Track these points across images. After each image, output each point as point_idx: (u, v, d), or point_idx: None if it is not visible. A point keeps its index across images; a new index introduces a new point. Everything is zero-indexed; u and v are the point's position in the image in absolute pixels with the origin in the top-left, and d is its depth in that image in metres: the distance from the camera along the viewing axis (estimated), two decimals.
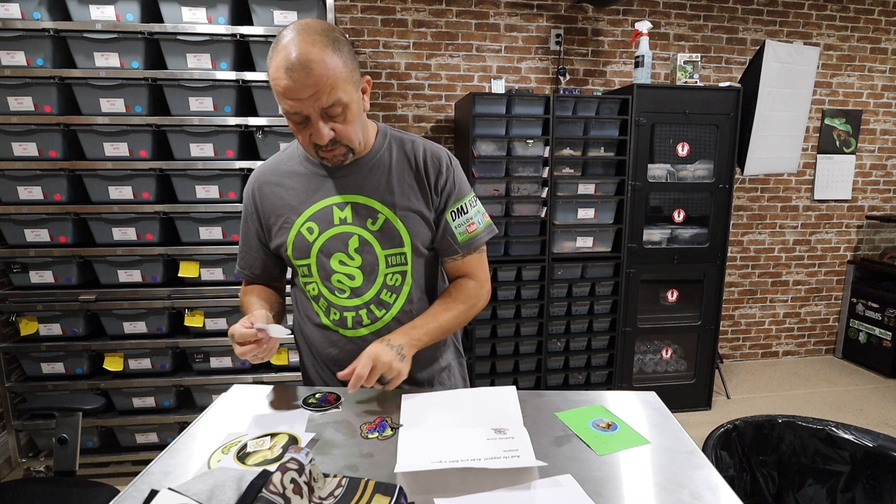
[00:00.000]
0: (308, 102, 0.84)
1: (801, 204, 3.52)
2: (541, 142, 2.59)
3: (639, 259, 2.74)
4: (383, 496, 0.67)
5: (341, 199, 1.00)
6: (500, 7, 2.99)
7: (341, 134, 0.90)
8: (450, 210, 1.04)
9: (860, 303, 3.53)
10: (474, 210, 1.07)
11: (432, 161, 1.03)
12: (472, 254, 1.07)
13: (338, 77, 0.84)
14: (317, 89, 0.83)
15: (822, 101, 3.40)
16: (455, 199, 1.04)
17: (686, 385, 2.91)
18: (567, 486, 0.72)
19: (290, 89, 0.83)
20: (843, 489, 1.08)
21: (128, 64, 1.96)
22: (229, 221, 2.09)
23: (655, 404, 0.99)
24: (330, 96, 0.84)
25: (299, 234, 1.01)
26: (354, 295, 1.02)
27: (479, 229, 1.07)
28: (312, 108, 0.85)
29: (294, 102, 0.84)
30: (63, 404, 1.38)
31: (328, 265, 1.01)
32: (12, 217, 2.00)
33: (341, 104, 0.87)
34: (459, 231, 1.05)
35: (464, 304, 1.06)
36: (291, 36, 0.83)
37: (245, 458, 0.77)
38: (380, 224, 1.00)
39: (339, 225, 1.00)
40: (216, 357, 2.16)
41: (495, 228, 1.11)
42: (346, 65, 0.86)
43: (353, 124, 0.92)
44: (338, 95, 0.85)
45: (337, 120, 0.89)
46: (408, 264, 1.03)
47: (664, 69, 3.17)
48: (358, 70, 0.90)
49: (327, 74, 0.83)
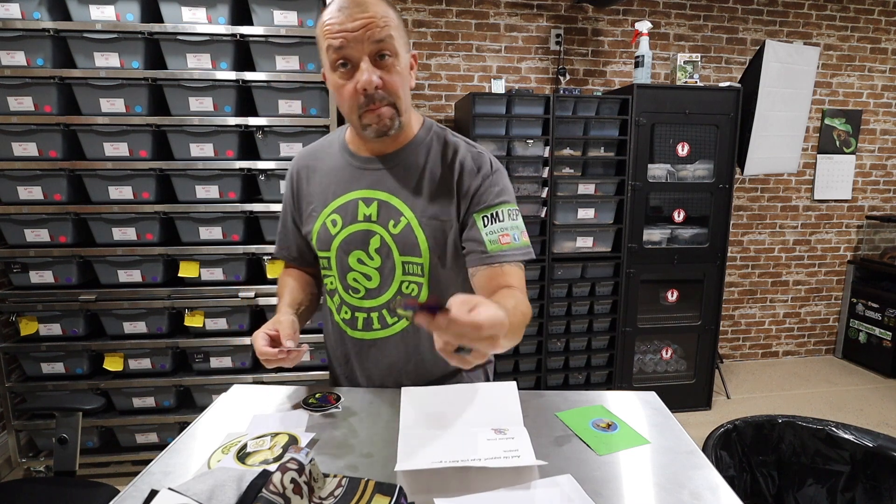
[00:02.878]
0: (358, 37, 0.80)
1: (801, 204, 3.52)
2: (541, 142, 2.59)
3: (639, 259, 2.74)
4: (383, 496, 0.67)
5: (368, 195, 0.95)
6: (500, 7, 2.99)
7: (389, 85, 0.84)
8: (481, 214, 0.92)
9: (860, 303, 3.53)
10: (511, 223, 0.93)
11: (471, 167, 0.94)
12: (507, 265, 0.91)
13: (391, 22, 0.82)
14: (369, 22, 0.79)
15: (822, 101, 3.40)
16: (488, 204, 0.92)
17: (686, 385, 2.91)
18: (567, 486, 0.72)
19: (341, 24, 0.79)
20: (843, 489, 1.08)
21: (128, 64, 1.96)
22: (229, 221, 2.09)
23: (655, 404, 0.99)
24: (382, 31, 0.80)
25: (324, 226, 0.98)
26: (369, 297, 0.98)
27: (513, 244, 0.92)
28: (361, 46, 0.80)
29: (343, 39, 0.80)
30: (63, 404, 1.38)
31: (346, 262, 0.97)
32: (12, 217, 2.00)
33: (392, 49, 0.83)
34: (491, 239, 0.91)
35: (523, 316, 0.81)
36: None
37: (245, 458, 0.77)
38: (400, 228, 0.93)
39: (362, 221, 0.95)
40: (216, 357, 2.16)
41: (532, 253, 0.95)
42: (398, 20, 0.85)
43: (402, 78, 0.86)
44: (389, 32, 0.81)
45: (385, 67, 0.83)
46: (424, 276, 0.95)
47: (664, 69, 3.17)
48: (407, 36, 0.89)
49: (381, 13, 0.81)
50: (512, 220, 0.93)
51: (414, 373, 1.02)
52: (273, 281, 2.14)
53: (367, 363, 1.03)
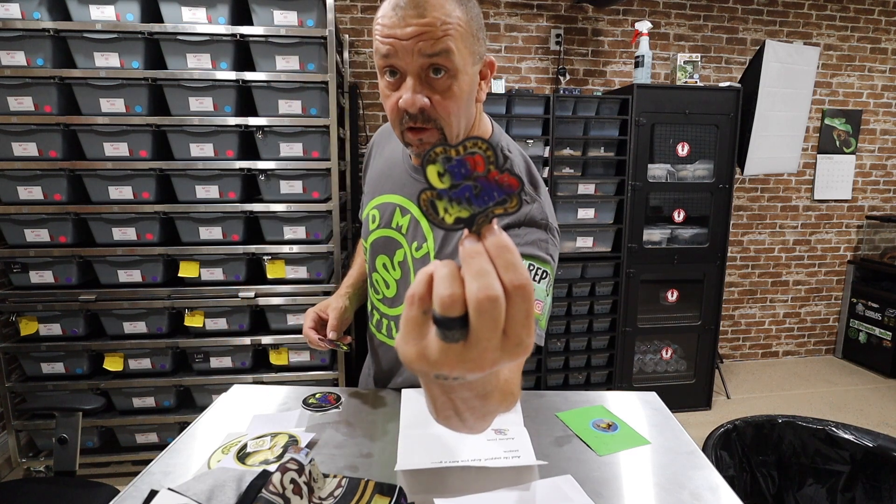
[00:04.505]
0: (408, 47, 0.66)
1: (801, 204, 3.52)
2: (541, 142, 2.59)
3: (639, 259, 2.74)
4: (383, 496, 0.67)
5: (405, 204, 0.88)
6: (500, 7, 2.99)
7: (439, 107, 0.70)
8: None
9: (860, 303, 3.53)
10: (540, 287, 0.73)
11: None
12: None
13: (453, 28, 0.66)
14: (423, 30, 0.65)
15: (822, 101, 3.40)
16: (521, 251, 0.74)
17: (686, 385, 2.91)
18: (567, 486, 0.72)
19: (392, 25, 0.66)
20: (843, 489, 1.08)
21: (128, 64, 1.96)
22: (229, 221, 2.09)
23: (655, 404, 0.99)
24: (438, 43, 0.66)
25: (368, 217, 0.96)
26: (385, 302, 0.97)
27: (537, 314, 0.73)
28: (410, 57, 0.67)
29: (391, 44, 0.66)
30: (63, 404, 1.38)
31: (374, 261, 0.96)
32: (12, 217, 2.00)
33: (449, 64, 0.67)
34: None
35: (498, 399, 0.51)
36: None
37: (245, 458, 0.77)
38: (421, 254, 0.86)
39: (394, 230, 0.90)
40: (216, 357, 2.16)
41: (542, 337, 0.75)
42: (469, 24, 0.68)
43: (457, 102, 0.71)
44: (447, 45, 0.66)
45: (438, 86, 0.69)
46: None
47: (664, 69, 3.17)
48: (482, 43, 0.72)
49: (440, 17, 0.65)
50: (536, 282, 0.73)
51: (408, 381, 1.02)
52: (273, 281, 2.14)
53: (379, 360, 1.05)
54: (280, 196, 2.10)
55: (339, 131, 2.42)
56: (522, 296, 0.32)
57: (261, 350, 2.21)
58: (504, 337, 0.33)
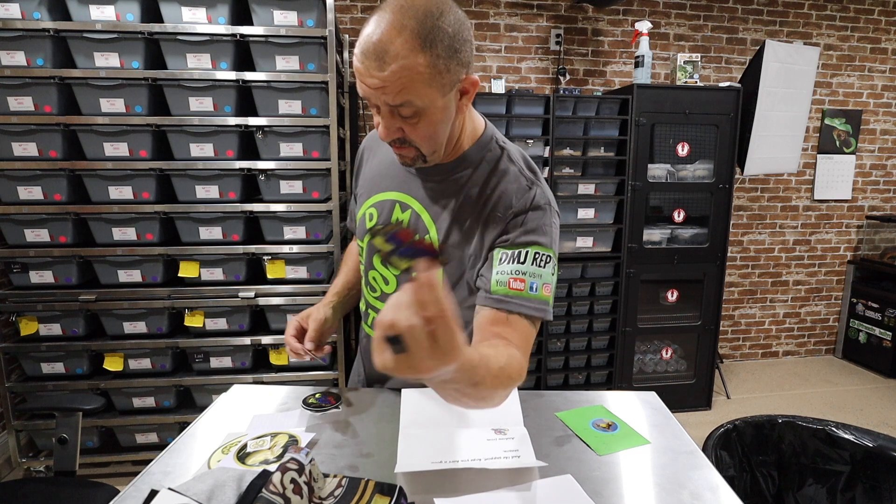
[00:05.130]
0: (376, 94, 0.72)
1: (801, 204, 3.52)
2: (541, 142, 2.59)
3: (639, 259, 2.74)
4: (383, 496, 0.67)
5: (405, 200, 0.91)
6: (500, 7, 2.99)
7: (410, 135, 0.78)
8: (502, 250, 0.82)
9: (860, 303, 3.53)
10: (534, 269, 0.80)
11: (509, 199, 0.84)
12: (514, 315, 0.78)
13: (414, 79, 0.70)
14: (385, 85, 0.70)
15: (822, 101, 3.40)
16: (512, 242, 0.81)
17: (686, 385, 2.91)
18: (567, 486, 0.72)
19: (361, 73, 0.72)
20: (843, 489, 1.08)
21: (128, 64, 1.96)
22: (229, 221, 2.09)
23: (655, 404, 0.99)
24: (399, 96, 0.71)
25: (364, 216, 0.98)
26: (383, 299, 0.97)
27: (524, 293, 0.78)
28: (380, 101, 0.74)
29: (363, 88, 0.73)
30: (63, 404, 1.38)
31: (371, 259, 0.97)
32: (12, 217, 2.00)
33: (413, 107, 0.73)
34: (499, 280, 0.80)
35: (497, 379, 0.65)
36: (386, 12, 0.70)
37: (245, 458, 0.77)
38: None
39: None
40: (216, 357, 2.16)
41: (548, 313, 0.81)
42: (434, 66, 0.71)
43: (427, 130, 0.78)
44: (408, 98, 0.72)
45: (408, 121, 0.76)
46: None
47: (664, 69, 3.17)
48: (456, 70, 0.74)
49: (401, 72, 0.69)
50: (536, 267, 0.80)
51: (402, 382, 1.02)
52: (273, 281, 2.14)
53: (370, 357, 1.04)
54: (280, 196, 2.10)
55: (339, 131, 2.41)
56: (442, 321, 0.46)
57: (261, 350, 2.21)
58: (435, 347, 0.46)
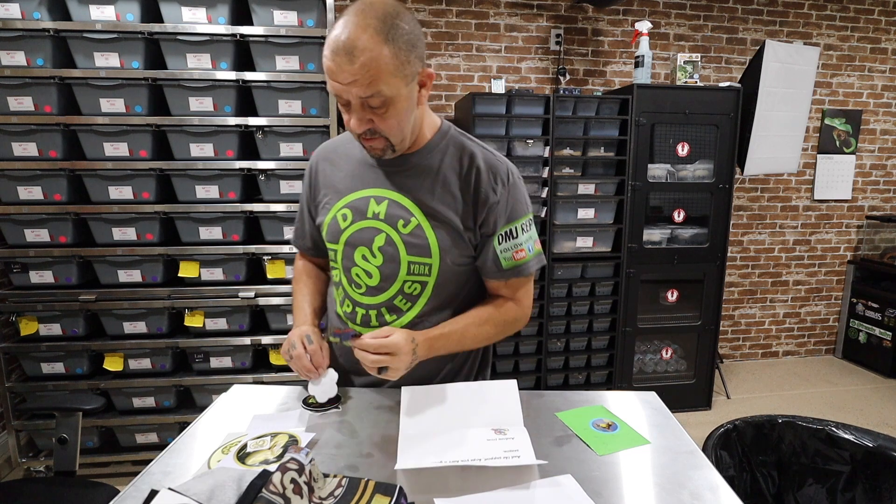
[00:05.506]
0: (348, 88, 0.81)
1: (801, 204, 3.52)
2: (541, 142, 2.59)
3: (639, 259, 2.74)
4: (383, 496, 0.67)
5: (380, 193, 0.98)
6: (500, 7, 2.99)
7: (380, 125, 0.86)
8: (497, 233, 0.97)
9: (860, 303, 3.53)
10: (525, 236, 0.99)
11: (487, 174, 0.96)
12: (516, 278, 1.00)
13: (382, 70, 0.80)
14: (356, 78, 0.79)
15: (822, 101, 3.40)
16: (506, 222, 0.97)
17: (686, 385, 2.91)
18: (567, 486, 0.72)
19: (332, 71, 0.81)
20: (843, 489, 1.08)
21: (128, 64, 1.96)
22: (229, 221, 2.09)
23: (655, 404, 0.99)
24: (369, 88, 0.80)
25: (335, 219, 1.01)
26: (369, 294, 1.00)
27: (527, 257, 0.99)
28: (352, 95, 0.82)
29: (336, 84, 0.82)
30: (63, 404, 1.38)
31: (352, 256, 1.00)
32: (12, 217, 2.00)
33: (382, 97, 0.82)
34: (505, 256, 0.97)
35: (495, 328, 1.02)
36: (348, 17, 0.80)
37: (245, 458, 0.77)
38: (410, 228, 0.95)
39: (370, 219, 0.97)
40: (216, 357, 2.16)
41: (544, 259, 1.04)
42: (397, 57, 0.81)
43: (395, 119, 0.86)
44: (378, 88, 0.81)
45: (377, 112, 0.85)
46: (431, 276, 0.97)
47: (664, 69, 3.17)
48: (415, 62, 0.84)
49: (370, 64, 0.79)
50: (526, 233, 0.99)
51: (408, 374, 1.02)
52: (273, 281, 2.14)
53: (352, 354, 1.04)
54: (280, 196, 2.10)
55: (339, 131, 2.41)
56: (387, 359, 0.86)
57: (261, 350, 2.21)
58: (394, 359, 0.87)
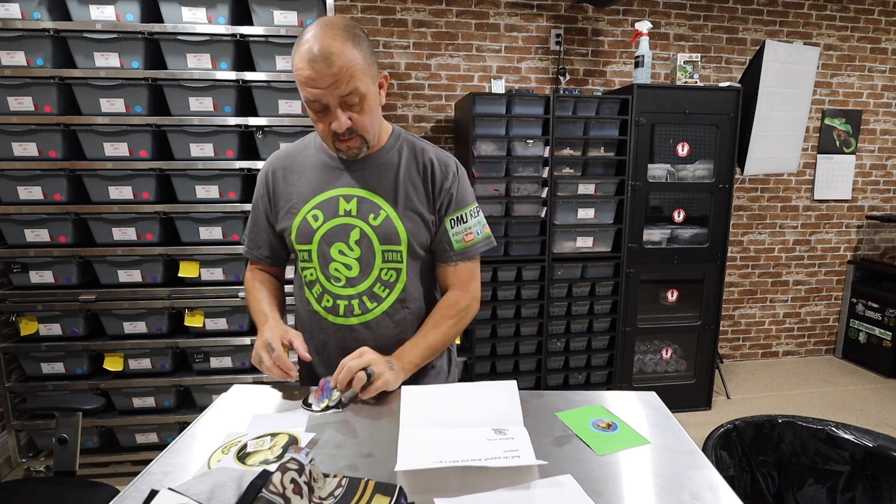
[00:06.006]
0: (328, 91, 0.91)
1: (801, 204, 3.52)
2: (541, 142, 2.59)
3: (639, 259, 2.74)
4: (383, 496, 0.67)
5: (349, 192, 1.06)
6: (500, 7, 2.99)
7: (358, 123, 0.97)
8: (449, 217, 1.09)
9: (860, 303, 3.53)
10: (474, 220, 1.12)
11: (440, 167, 1.08)
12: (465, 262, 1.12)
13: (356, 69, 0.91)
14: (336, 79, 0.90)
15: (822, 101, 3.40)
16: (456, 208, 1.09)
17: (686, 385, 2.91)
18: (567, 486, 0.72)
19: (313, 79, 0.90)
20: (843, 489, 1.08)
21: (128, 64, 1.96)
22: (229, 221, 2.09)
23: (655, 404, 0.99)
24: (349, 85, 0.91)
25: (304, 221, 1.06)
26: (349, 285, 1.07)
27: (476, 239, 1.12)
28: (332, 97, 0.92)
29: (316, 91, 0.91)
30: (63, 404, 1.38)
31: (328, 253, 1.06)
32: (12, 217, 2.00)
33: (359, 94, 0.93)
34: (456, 239, 1.10)
35: (452, 318, 1.10)
36: (314, 31, 0.90)
37: (245, 458, 0.77)
38: (380, 220, 1.05)
39: (343, 216, 1.05)
40: (216, 357, 2.16)
41: (494, 242, 1.16)
42: (365, 59, 0.93)
43: (370, 115, 0.98)
44: (356, 85, 0.92)
45: (354, 109, 0.95)
46: (403, 262, 1.08)
47: (664, 69, 3.17)
48: (376, 65, 0.98)
49: (346, 65, 0.90)
50: (474, 218, 1.12)
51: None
52: None
53: (350, 347, 1.05)
54: None
55: None
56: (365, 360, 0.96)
57: None
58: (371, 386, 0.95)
